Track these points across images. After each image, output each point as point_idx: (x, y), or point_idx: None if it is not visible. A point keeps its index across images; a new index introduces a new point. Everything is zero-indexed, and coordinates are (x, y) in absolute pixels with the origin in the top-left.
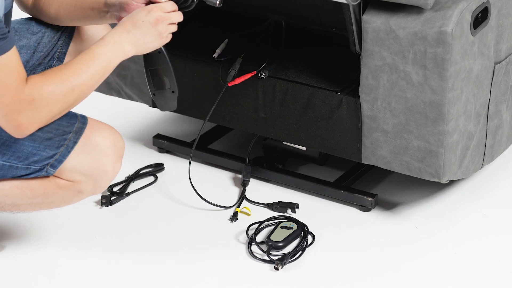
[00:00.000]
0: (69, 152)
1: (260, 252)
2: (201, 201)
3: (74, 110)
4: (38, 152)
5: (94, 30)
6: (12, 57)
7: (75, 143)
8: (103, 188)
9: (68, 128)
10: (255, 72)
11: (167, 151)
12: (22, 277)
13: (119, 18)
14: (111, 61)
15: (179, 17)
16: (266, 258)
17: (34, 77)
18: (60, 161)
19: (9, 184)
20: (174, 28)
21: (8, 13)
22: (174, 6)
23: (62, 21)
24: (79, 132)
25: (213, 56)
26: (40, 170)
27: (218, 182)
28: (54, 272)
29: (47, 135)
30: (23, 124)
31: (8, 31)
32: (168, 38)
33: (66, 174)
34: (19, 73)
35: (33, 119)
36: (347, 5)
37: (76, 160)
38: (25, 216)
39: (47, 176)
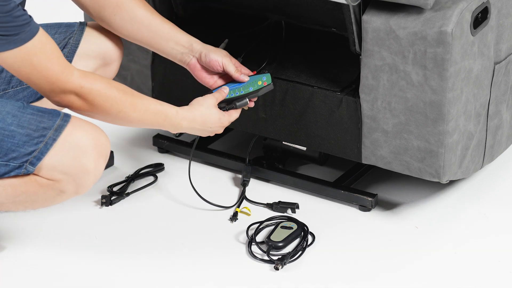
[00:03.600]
0: (48, 149)
1: (260, 252)
2: (201, 201)
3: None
4: (17, 148)
5: (100, 44)
6: (43, 40)
7: (54, 140)
8: (86, 188)
9: (49, 124)
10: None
11: (167, 151)
12: (22, 277)
13: (190, 64)
14: (163, 126)
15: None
16: (266, 258)
17: (93, 73)
18: (39, 158)
19: None
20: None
21: (22, 3)
22: (238, 114)
23: (123, 35)
24: (59, 130)
25: None
26: (19, 167)
27: (218, 182)
28: (54, 272)
29: (26, 131)
30: (64, 101)
31: (30, 16)
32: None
33: (46, 172)
34: (58, 57)
35: (76, 100)
36: (347, 5)
37: (56, 158)
38: (25, 216)
39: (28, 175)
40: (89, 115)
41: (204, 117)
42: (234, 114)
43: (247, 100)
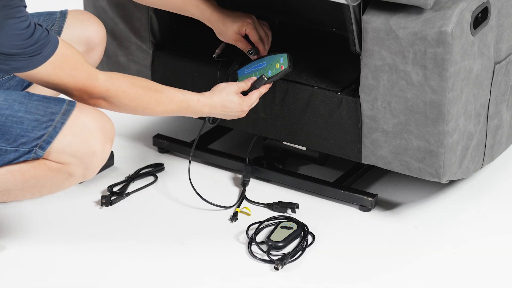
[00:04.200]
0: (57, 132)
1: (260, 252)
2: (201, 201)
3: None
4: (26, 133)
5: (83, 30)
6: (65, 51)
7: (62, 123)
8: (93, 172)
9: (56, 109)
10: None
11: (167, 151)
12: (22, 276)
13: (207, 18)
14: (186, 113)
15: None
16: (266, 258)
17: (117, 73)
18: (48, 142)
19: None
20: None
21: None
22: (259, 95)
23: (143, 2)
24: (67, 114)
25: (213, 56)
26: (29, 152)
27: (218, 182)
28: (55, 272)
29: (34, 117)
30: (92, 104)
31: (47, 30)
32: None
33: (55, 155)
34: (82, 64)
35: (103, 102)
36: (347, 5)
37: (65, 141)
38: (25, 216)
39: (37, 159)
40: (117, 111)
41: (224, 103)
42: (254, 96)
43: (266, 79)
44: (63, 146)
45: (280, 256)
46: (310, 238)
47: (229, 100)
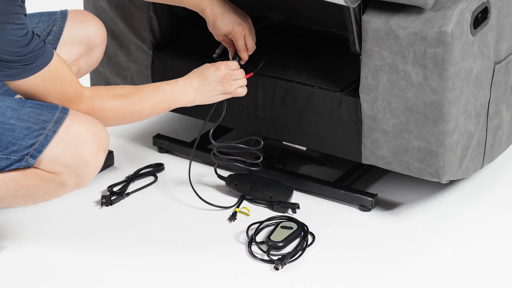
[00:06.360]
0: (48, 141)
1: (260, 252)
2: (201, 201)
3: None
4: (18, 141)
5: (83, 30)
6: (58, 64)
7: (54, 132)
8: (87, 181)
9: (48, 117)
10: (252, 74)
11: (167, 151)
12: (23, 277)
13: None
14: (175, 102)
15: (242, 73)
16: (266, 258)
17: (100, 88)
18: (39, 151)
19: None
20: (241, 83)
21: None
22: (238, 65)
23: None
24: (59, 122)
25: (213, 56)
26: (20, 160)
27: (218, 182)
28: (55, 272)
29: (26, 124)
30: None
31: (44, 41)
32: (236, 93)
33: (47, 165)
34: (72, 79)
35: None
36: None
37: (56, 151)
38: (25, 216)
39: (29, 168)
40: (106, 125)
41: (199, 70)
42: (232, 64)
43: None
44: (54, 155)
45: (280, 256)
46: (310, 238)
47: (202, 66)
